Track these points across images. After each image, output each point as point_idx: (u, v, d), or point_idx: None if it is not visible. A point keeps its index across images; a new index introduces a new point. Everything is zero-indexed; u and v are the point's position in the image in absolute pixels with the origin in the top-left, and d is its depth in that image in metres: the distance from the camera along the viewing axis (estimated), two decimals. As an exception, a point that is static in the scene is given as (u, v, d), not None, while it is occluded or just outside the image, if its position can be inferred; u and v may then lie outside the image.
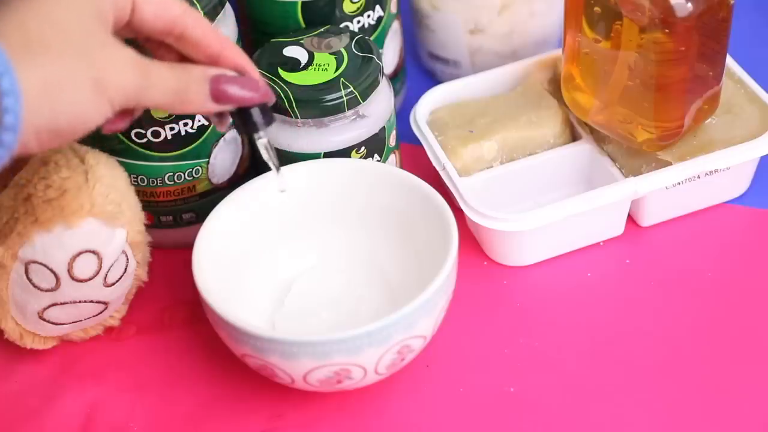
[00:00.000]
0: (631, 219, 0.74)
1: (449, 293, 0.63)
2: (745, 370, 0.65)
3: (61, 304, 0.65)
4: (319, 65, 0.70)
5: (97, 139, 0.63)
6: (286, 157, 0.69)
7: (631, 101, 0.70)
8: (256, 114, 0.60)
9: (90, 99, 0.50)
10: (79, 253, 0.63)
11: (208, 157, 0.72)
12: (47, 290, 0.64)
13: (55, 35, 0.49)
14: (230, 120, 0.61)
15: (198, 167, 0.72)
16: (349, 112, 0.69)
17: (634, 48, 0.67)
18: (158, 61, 0.55)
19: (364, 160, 0.70)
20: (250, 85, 0.58)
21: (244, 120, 0.60)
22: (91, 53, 0.50)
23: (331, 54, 0.71)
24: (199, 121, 0.70)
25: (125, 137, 0.69)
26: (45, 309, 0.65)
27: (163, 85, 0.54)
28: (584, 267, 0.72)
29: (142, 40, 0.58)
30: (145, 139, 0.69)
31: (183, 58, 0.58)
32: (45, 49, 0.48)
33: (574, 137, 0.76)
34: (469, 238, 0.73)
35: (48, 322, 0.66)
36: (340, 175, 0.69)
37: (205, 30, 0.57)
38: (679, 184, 0.71)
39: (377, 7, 0.76)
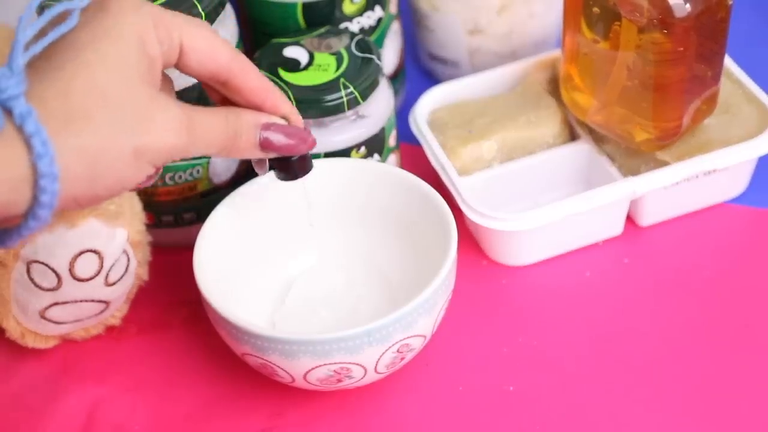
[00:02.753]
0: (629, 219, 0.74)
1: (449, 292, 0.63)
2: (744, 370, 0.65)
3: (63, 303, 0.65)
4: (320, 66, 0.70)
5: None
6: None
7: (629, 101, 0.70)
8: (296, 161, 0.59)
9: (130, 165, 0.50)
10: (81, 253, 0.63)
11: (209, 156, 0.72)
12: (49, 289, 0.64)
13: (98, 103, 0.48)
14: (268, 164, 0.60)
15: (199, 167, 0.72)
16: (349, 113, 0.69)
17: (633, 48, 0.67)
18: (205, 110, 0.54)
19: (364, 159, 0.71)
20: (298, 134, 0.58)
21: (283, 166, 0.60)
22: (134, 119, 0.49)
23: (331, 54, 0.71)
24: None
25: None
26: (46, 308, 0.65)
27: (209, 139, 0.54)
28: (583, 266, 0.72)
29: None
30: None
31: (227, 98, 0.58)
32: (87, 119, 0.48)
33: (573, 137, 0.76)
34: (469, 237, 0.74)
35: (49, 321, 0.66)
36: (339, 174, 0.69)
37: (250, 78, 0.56)
38: (677, 183, 0.71)
39: (377, 7, 0.76)
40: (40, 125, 0.46)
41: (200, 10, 0.66)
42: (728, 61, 0.76)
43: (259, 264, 0.70)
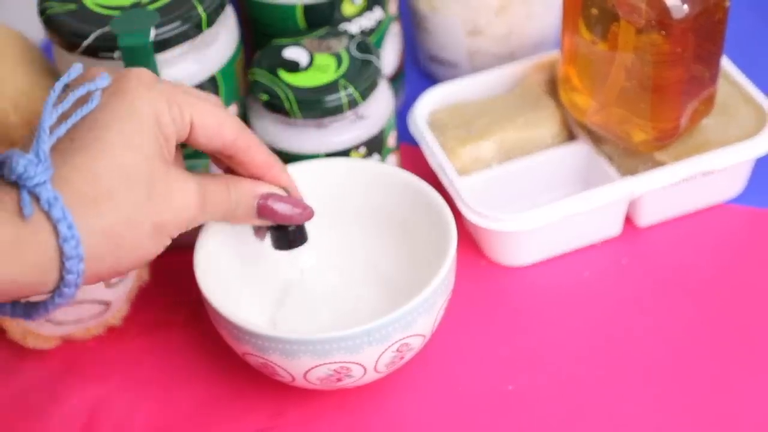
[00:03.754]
0: (628, 219, 0.74)
1: (448, 292, 0.63)
2: (743, 370, 0.65)
3: (64, 303, 0.65)
4: (319, 66, 0.70)
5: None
6: (286, 158, 0.70)
7: (627, 102, 0.70)
8: (291, 233, 0.63)
9: (150, 240, 0.52)
10: (82, 253, 0.63)
11: (209, 157, 0.72)
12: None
13: (121, 183, 0.50)
14: (267, 233, 0.64)
15: (199, 167, 0.72)
16: (348, 113, 0.70)
17: (631, 49, 0.68)
18: (212, 180, 0.57)
19: (362, 159, 0.71)
20: (296, 204, 0.61)
21: (280, 236, 0.63)
22: (154, 197, 0.51)
23: (331, 55, 0.71)
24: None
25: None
26: (48, 308, 0.65)
27: (216, 210, 0.57)
28: (581, 267, 0.72)
29: None
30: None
31: (231, 168, 0.60)
32: (111, 200, 0.50)
33: (572, 138, 0.76)
34: (468, 237, 0.74)
35: (50, 321, 0.66)
36: (337, 174, 0.69)
37: (254, 153, 0.59)
38: (675, 184, 0.72)
39: (377, 9, 0.77)
40: (66, 210, 0.48)
41: (201, 11, 0.66)
42: (726, 62, 0.77)
43: (259, 264, 0.70)
